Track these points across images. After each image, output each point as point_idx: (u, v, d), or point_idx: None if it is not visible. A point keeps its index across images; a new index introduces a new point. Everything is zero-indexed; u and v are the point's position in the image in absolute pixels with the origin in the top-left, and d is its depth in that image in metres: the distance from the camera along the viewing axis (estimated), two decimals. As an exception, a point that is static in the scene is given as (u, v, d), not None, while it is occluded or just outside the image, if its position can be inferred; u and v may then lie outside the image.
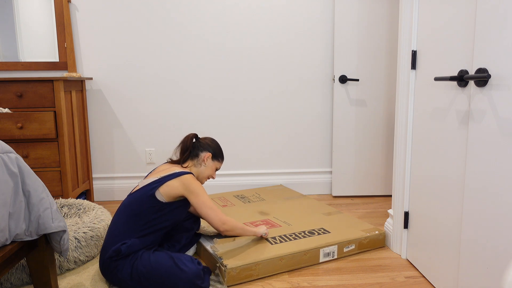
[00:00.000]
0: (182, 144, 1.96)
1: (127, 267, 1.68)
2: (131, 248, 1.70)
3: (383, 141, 3.12)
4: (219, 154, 2.00)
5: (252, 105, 3.13)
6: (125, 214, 1.75)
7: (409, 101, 1.96)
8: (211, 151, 1.97)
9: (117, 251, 1.69)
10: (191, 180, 1.78)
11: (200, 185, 1.81)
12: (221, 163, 2.03)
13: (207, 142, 1.98)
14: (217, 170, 2.06)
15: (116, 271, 1.69)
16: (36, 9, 2.90)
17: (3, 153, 1.37)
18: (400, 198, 2.07)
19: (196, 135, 2.00)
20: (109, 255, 1.70)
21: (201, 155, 1.95)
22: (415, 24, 1.90)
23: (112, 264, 1.70)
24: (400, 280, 1.84)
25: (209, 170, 1.97)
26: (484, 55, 1.35)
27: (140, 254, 1.71)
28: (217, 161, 1.99)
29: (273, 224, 2.27)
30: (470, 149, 1.44)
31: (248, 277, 1.82)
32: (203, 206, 1.79)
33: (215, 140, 2.05)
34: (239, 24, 3.03)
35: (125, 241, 1.71)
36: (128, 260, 1.70)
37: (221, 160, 2.02)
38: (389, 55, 3.03)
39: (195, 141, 1.99)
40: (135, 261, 1.69)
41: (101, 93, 3.03)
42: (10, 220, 1.36)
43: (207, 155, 1.94)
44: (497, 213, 1.30)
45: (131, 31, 2.98)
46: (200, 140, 1.99)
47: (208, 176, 1.98)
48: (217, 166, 2.00)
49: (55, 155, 2.55)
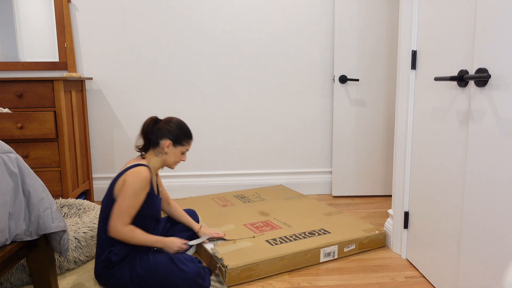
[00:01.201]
0: (141, 130, 1.77)
1: (126, 272, 1.66)
2: (120, 255, 1.67)
3: (383, 141, 3.12)
4: (182, 138, 1.78)
5: (252, 105, 3.13)
6: (102, 220, 1.71)
7: (409, 101, 1.96)
8: (171, 137, 1.76)
9: (107, 259, 1.66)
10: (130, 178, 1.64)
11: (133, 188, 1.63)
12: (189, 145, 1.82)
13: (166, 128, 1.76)
14: (187, 151, 1.86)
15: (115, 279, 1.67)
16: (36, 9, 2.90)
17: (3, 153, 1.37)
18: (400, 198, 2.07)
19: (156, 118, 1.79)
20: (103, 265, 1.68)
21: (161, 144, 1.75)
22: (415, 24, 1.90)
23: (109, 272, 1.67)
24: (400, 280, 1.84)
25: (173, 157, 1.79)
26: (484, 55, 1.35)
27: (138, 257, 1.68)
28: (180, 146, 1.79)
29: (273, 226, 2.27)
30: (470, 149, 1.44)
31: (248, 277, 1.82)
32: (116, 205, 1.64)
33: (178, 120, 1.81)
34: (239, 24, 3.03)
35: (111, 248, 1.67)
36: (125, 265, 1.67)
37: (186, 143, 1.80)
38: (389, 55, 3.03)
39: (155, 126, 1.78)
40: (134, 265, 1.66)
41: (101, 93, 3.03)
42: (10, 220, 1.36)
43: (167, 143, 1.75)
44: (497, 213, 1.30)
45: (131, 31, 2.98)
46: (159, 125, 1.77)
47: (175, 162, 1.80)
48: (183, 150, 1.81)
49: (55, 155, 2.55)
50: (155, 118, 1.78)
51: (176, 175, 3.14)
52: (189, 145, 1.82)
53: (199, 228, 2.03)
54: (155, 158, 1.78)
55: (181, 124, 1.80)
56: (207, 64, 3.05)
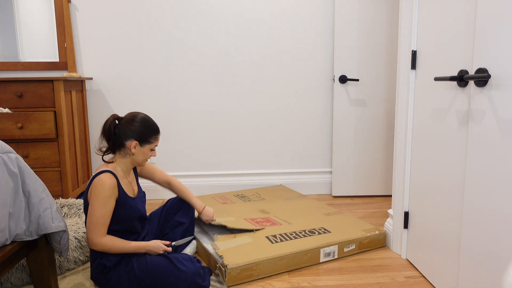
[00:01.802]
0: (102, 131, 1.66)
1: (123, 276, 1.65)
2: (113, 260, 1.66)
3: (383, 141, 3.12)
4: (148, 136, 1.68)
5: (252, 105, 3.13)
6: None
7: (409, 101, 1.96)
8: (136, 137, 1.65)
9: (101, 265, 1.66)
10: (96, 183, 1.59)
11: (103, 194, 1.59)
12: (157, 141, 1.72)
13: (129, 127, 1.65)
14: (156, 146, 1.78)
15: (112, 282, 1.66)
16: (36, 9, 2.90)
17: (3, 153, 1.37)
18: (400, 198, 2.07)
19: (117, 117, 1.67)
20: (97, 271, 1.67)
21: (127, 145, 1.66)
22: (415, 24, 1.90)
23: (106, 277, 1.67)
24: (400, 280, 1.84)
25: (142, 156, 1.70)
26: (484, 55, 1.35)
27: (135, 259, 1.67)
28: (148, 143, 1.69)
29: (273, 222, 2.27)
30: (470, 149, 1.44)
31: (248, 277, 1.82)
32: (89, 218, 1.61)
33: (141, 116, 1.69)
34: (239, 24, 3.03)
35: (102, 254, 1.67)
36: (121, 268, 1.66)
37: (154, 139, 1.70)
38: (389, 55, 3.03)
39: (116, 125, 1.67)
40: (131, 267, 1.65)
41: (101, 93, 3.03)
42: (10, 220, 1.36)
43: (133, 144, 1.65)
44: (497, 213, 1.30)
45: (131, 31, 2.98)
46: (121, 125, 1.66)
47: (144, 160, 1.72)
48: (151, 147, 1.71)
49: (55, 155, 2.55)
50: (116, 117, 1.67)
51: (176, 175, 3.14)
52: (157, 141, 1.73)
53: (202, 209, 2.00)
54: (123, 160, 1.70)
55: (145, 121, 1.69)
56: (206, 63, 3.05)
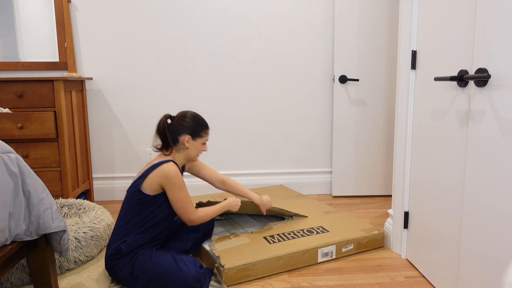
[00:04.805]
0: (157, 130, 1.81)
1: (127, 266, 1.69)
2: (131, 246, 1.70)
3: (383, 141, 3.12)
4: (199, 130, 1.82)
5: (252, 105, 3.13)
6: (122, 211, 1.76)
7: (409, 101, 1.96)
8: (189, 132, 1.79)
9: (117, 249, 1.70)
10: (168, 171, 1.69)
11: (178, 178, 1.71)
12: (207, 135, 1.86)
13: (181, 123, 1.79)
14: (206, 141, 1.89)
15: (117, 269, 1.70)
16: (36, 9, 2.90)
17: (3, 153, 1.37)
18: (400, 198, 2.07)
19: (169, 116, 1.82)
20: (110, 253, 1.71)
21: (180, 140, 1.79)
22: (415, 24, 1.90)
23: (114, 262, 1.71)
24: (400, 280, 1.84)
25: (195, 150, 1.83)
26: (484, 55, 1.35)
27: (141, 252, 1.71)
28: (199, 137, 1.82)
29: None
30: (470, 149, 1.44)
31: (245, 277, 1.82)
32: (177, 204, 1.73)
33: (191, 113, 1.84)
34: (239, 24, 3.03)
35: (125, 239, 1.71)
36: (128, 258, 1.70)
37: (205, 134, 1.84)
38: (389, 55, 3.02)
39: (170, 123, 1.81)
40: (136, 259, 1.69)
41: (101, 93, 3.03)
42: (10, 220, 1.36)
43: (186, 138, 1.79)
44: (497, 213, 1.30)
45: (131, 31, 2.98)
46: (174, 122, 1.81)
47: (197, 154, 1.86)
48: (203, 141, 1.85)
49: (55, 155, 2.55)
50: (168, 116, 1.81)
51: (176, 175, 3.14)
52: (207, 135, 1.86)
53: (260, 199, 2.09)
54: (178, 155, 1.83)
55: (196, 116, 1.83)
56: (206, 64, 3.05)
